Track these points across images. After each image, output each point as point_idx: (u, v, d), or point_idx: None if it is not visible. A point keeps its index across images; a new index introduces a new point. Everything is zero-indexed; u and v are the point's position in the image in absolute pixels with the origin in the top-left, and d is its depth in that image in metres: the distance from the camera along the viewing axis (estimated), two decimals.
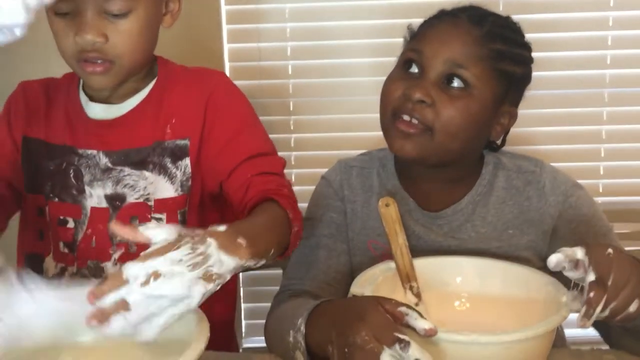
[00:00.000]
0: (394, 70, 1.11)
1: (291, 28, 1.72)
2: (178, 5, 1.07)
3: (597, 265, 0.80)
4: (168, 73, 1.11)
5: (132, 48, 1.00)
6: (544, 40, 1.66)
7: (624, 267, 0.80)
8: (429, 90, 1.02)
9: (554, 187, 1.10)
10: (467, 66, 1.02)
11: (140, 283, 0.69)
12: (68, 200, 1.09)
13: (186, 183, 1.08)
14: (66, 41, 0.98)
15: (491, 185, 1.12)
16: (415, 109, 1.02)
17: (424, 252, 1.05)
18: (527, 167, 1.13)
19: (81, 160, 1.08)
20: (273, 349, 0.97)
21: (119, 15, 0.97)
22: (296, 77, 1.74)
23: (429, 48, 1.04)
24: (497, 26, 1.06)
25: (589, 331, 1.02)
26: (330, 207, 1.15)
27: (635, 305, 0.80)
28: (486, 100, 1.04)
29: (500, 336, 0.78)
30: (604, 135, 1.74)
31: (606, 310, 0.79)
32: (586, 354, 0.94)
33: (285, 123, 1.75)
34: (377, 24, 1.70)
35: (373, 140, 1.62)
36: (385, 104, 1.07)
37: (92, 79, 1.01)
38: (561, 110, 1.73)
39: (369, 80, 1.69)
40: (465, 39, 1.03)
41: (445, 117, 1.02)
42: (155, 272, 0.69)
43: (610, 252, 0.81)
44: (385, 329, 0.76)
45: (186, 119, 1.08)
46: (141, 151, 1.07)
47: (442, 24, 1.07)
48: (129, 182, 1.07)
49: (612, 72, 1.71)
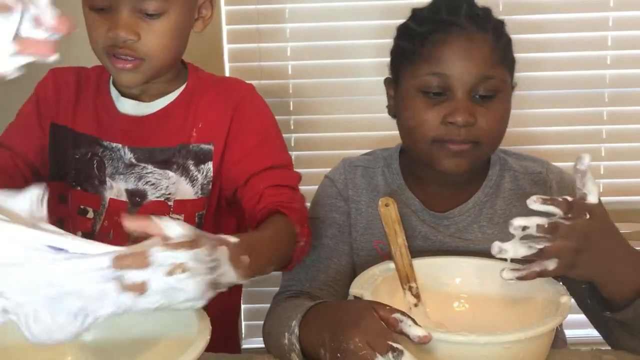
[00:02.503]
0: (411, 98, 1.05)
1: (291, 28, 1.72)
2: (211, 11, 1.09)
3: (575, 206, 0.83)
4: (198, 80, 1.13)
5: (162, 48, 1.02)
6: (544, 41, 1.66)
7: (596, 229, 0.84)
8: (469, 109, 1.01)
9: (561, 189, 1.10)
10: (493, 75, 1.03)
11: (165, 272, 0.67)
12: (90, 190, 1.10)
13: (207, 187, 1.09)
14: (98, 35, 1.00)
15: (498, 186, 1.12)
16: (462, 132, 1.02)
17: (430, 253, 1.05)
18: (534, 168, 1.14)
19: (105, 152, 1.09)
20: (271, 349, 0.97)
21: (153, 15, 0.99)
22: (296, 77, 1.74)
23: (454, 70, 1.02)
24: (493, 22, 1.06)
25: (589, 331, 1.03)
26: (333, 208, 1.15)
27: (554, 264, 0.82)
28: (510, 94, 1.07)
29: (499, 336, 0.78)
30: (604, 135, 1.74)
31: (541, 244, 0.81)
32: (586, 354, 0.93)
33: (285, 123, 1.75)
34: (376, 24, 1.70)
35: (373, 140, 1.63)
36: (421, 133, 1.04)
37: (121, 75, 1.03)
38: (561, 110, 1.74)
39: (369, 80, 1.70)
40: (485, 51, 1.03)
41: (489, 129, 1.03)
42: (183, 265, 0.67)
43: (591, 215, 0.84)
44: (379, 336, 0.76)
45: (212, 125, 1.09)
46: (165, 151, 1.09)
47: (454, 39, 1.03)
48: (151, 180, 1.08)
49: (612, 72, 1.71)
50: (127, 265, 0.66)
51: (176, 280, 0.67)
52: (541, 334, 0.80)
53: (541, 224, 0.82)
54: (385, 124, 1.18)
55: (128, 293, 0.66)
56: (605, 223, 0.87)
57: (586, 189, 0.86)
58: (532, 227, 0.81)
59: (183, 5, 1.02)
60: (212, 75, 1.16)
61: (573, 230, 0.82)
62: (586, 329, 1.04)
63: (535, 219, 0.82)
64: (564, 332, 1.13)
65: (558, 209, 0.83)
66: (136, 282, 0.66)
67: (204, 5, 1.08)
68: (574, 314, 0.90)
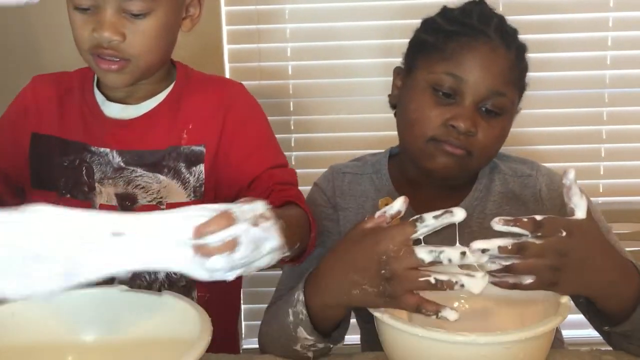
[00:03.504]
0: (420, 91, 1.05)
1: (291, 29, 1.72)
2: (199, 10, 1.07)
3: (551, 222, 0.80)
4: (187, 79, 1.11)
5: (148, 49, 1.00)
6: (544, 41, 1.66)
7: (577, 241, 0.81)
8: (474, 119, 1.01)
9: (551, 191, 1.09)
10: (505, 93, 1.02)
11: (251, 223, 0.70)
12: (79, 197, 1.09)
13: (199, 189, 1.08)
14: (83, 35, 0.99)
15: (488, 190, 1.12)
16: (461, 139, 1.01)
17: None
18: (523, 170, 1.13)
19: (93, 158, 1.08)
20: (271, 345, 0.97)
21: (139, 15, 0.97)
22: (296, 77, 1.74)
23: (471, 75, 1.01)
24: (516, 40, 1.06)
25: (589, 332, 1.03)
26: (322, 215, 1.14)
27: (530, 279, 0.79)
28: (513, 116, 1.07)
29: (499, 336, 0.78)
30: (604, 135, 1.74)
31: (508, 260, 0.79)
32: (586, 354, 0.94)
33: (285, 123, 1.75)
34: (376, 24, 1.70)
35: (373, 140, 1.63)
36: (420, 130, 1.03)
37: (107, 76, 1.02)
38: (561, 110, 1.74)
39: (369, 81, 1.70)
40: (504, 66, 1.02)
41: (485, 144, 1.02)
42: (264, 214, 0.71)
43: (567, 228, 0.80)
44: (396, 236, 0.80)
45: (203, 126, 1.08)
46: (155, 154, 1.07)
47: (478, 46, 1.02)
48: (141, 183, 1.07)
49: (612, 72, 1.71)
50: (212, 230, 0.68)
51: (263, 230, 0.70)
52: (541, 334, 0.80)
53: (503, 245, 0.78)
54: (385, 124, 1.18)
55: (218, 256, 0.69)
56: (589, 238, 0.83)
57: (572, 204, 0.83)
58: (494, 249, 0.78)
59: (169, 5, 1.00)
60: (201, 74, 1.14)
61: (545, 249, 0.79)
62: (586, 329, 1.03)
63: (497, 241, 0.78)
64: (561, 332, 1.13)
65: (523, 229, 0.79)
66: (225, 240, 0.68)
67: (192, 4, 1.06)
68: (573, 314, 0.90)
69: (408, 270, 0.79)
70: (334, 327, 0.92)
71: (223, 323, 1.08)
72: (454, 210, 0.79)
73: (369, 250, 0.82)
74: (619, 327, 0.88)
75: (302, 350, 0.92)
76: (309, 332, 0.89)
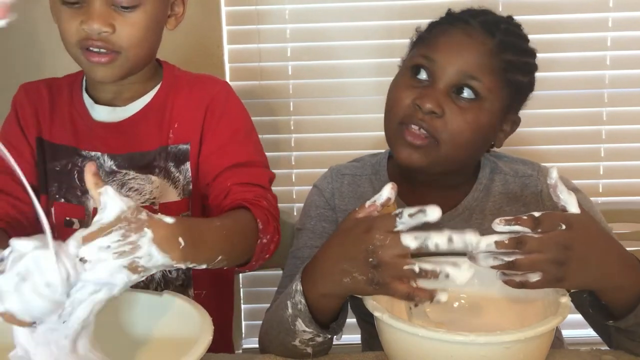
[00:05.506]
0: (400, 75, 1.08)
1: (291, 29, 1.72)
2: (182, 9, 1.08)
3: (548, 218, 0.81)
4: (173, 78, 1.11)
5: (138, 41, 1.00)
6: (543, 41, 1.65)
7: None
8: (440, 100, 1.00)
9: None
10: (479, 78, 1.01)
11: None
12: (73, 201, 1.09)
13: (187, 187, 1.08)
14: (71, 28, 0.98)
15: (488, 190, 1.11)
16: (425, 119, 1.00)
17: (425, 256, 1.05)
18: (524, 171, 1.12)
19: (84, 162, 1.07)
20: (271, 344, 0.97)
21: (128, 7, 0.98)
22: (296, 77, 1.74)
23: (442, 57, 1.01)
24: (509, 34, 1.04)
25: (589, 332, 1.03)
26: (322, 217, 1.14)
27: (537, 276, 0.80)
28: (495, 111, 1.03)
29: (499, 336, 0.78)
30: (604, 135, 1.74)
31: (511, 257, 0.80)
32: (586, 354, 0.94)
33: (285, 123, 1.75)
34: (376, 25, 1.70)
35: (373, 140, 1.63)
36: (392, 111, 1.04)
37: (96, 69, 1.01)
38: (561, 110, 1.74)
39: (369, 81, 1.70)
40: (480, 50, 1.01)
41: (453, 129, 1.00)
42: (83, 259, 0.69)
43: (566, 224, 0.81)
44: (383, 223, 0.81)
45: (187, 124, 1.08)
46: (146, 155, 1.07)
47: (455, 30, 1.03)
48: (134, 186, 1.07)
49: (612, 72, 1.71)
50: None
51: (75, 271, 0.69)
52: (541, 334, 0.80)
53: (500, 240, 0.79)
54: None
55: None
56: (590, 231, 0.84)
57: (562, 201, 0.84)
58: (491, 245, 0.79)
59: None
60: (188, 73, 1.15)
61: (545, 242, 0.80)
62: (586, 329, 1.04)
63: (494, 237, 0.79)
64: (561, 332, 1.13)
65: (523, 226, 0.80)
66: None
67: (176, 3, 1.07)
68: (573, 314, 0.90)
69: (394, 257, 0.79)
70: (332, 319, 0.92)
71: (216, 323, 1.08)
72: (427, 210, 0.80)
73: (357, 239, 0.82)
74: (624, 321, 0.88)
75: (301, 346, 0.92)
76: (307, 323, 0.89)
